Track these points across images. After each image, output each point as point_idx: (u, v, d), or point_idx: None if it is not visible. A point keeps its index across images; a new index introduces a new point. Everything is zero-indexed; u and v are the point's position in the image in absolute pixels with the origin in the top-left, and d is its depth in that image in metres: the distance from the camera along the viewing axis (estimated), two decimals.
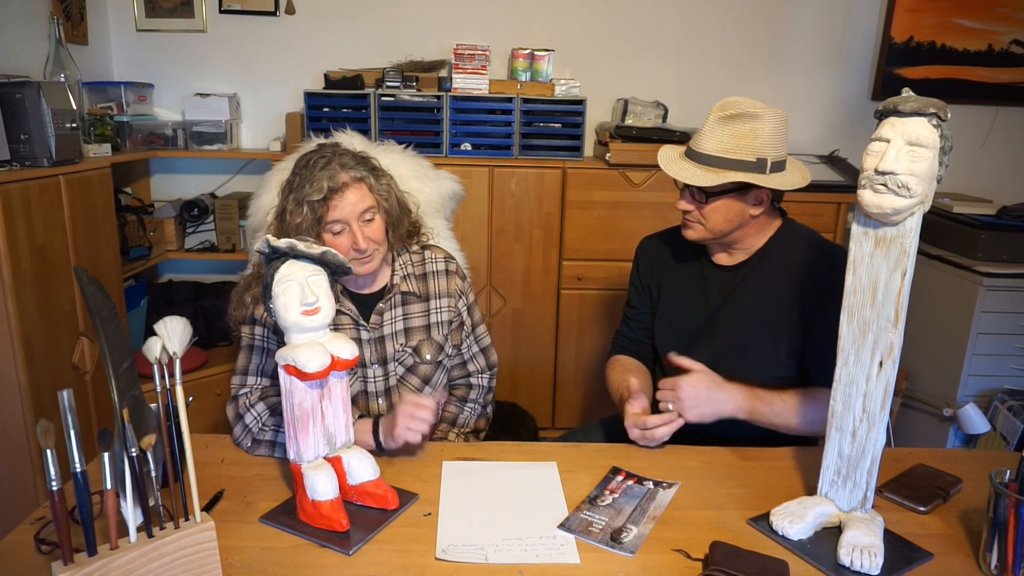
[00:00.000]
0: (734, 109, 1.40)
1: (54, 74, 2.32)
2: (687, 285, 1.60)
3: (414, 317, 1.52)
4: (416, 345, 1.51)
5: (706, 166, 1.42)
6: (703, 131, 1.44)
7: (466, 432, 1.59)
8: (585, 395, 2.86)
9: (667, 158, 1.50)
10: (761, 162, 1.39)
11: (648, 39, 2.96)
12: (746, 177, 1.38)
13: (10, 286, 1.79)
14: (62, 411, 0.81)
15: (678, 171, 1.45)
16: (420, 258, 1.56)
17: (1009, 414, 2.33)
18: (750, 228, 1.49)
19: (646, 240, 1.73)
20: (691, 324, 1.57)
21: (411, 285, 1.52)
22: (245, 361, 1.42)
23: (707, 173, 1.41)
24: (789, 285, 1.46)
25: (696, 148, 1.44)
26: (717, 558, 1.01)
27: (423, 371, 1.51)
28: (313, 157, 1.38)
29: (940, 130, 0.99)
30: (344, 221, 1.36)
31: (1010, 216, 2.50)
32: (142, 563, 0.88)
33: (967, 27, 2.95)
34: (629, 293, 1.73)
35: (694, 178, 1.41)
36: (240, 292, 1.45)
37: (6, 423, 1.84)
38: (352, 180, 1.36)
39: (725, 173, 1.39)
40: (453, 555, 1.04)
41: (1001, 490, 1.00)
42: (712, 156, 1.41)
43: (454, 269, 1.58)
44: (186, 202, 2.83)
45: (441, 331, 1.53)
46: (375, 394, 1.49)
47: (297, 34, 2.91)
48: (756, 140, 1.39)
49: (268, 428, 1.34)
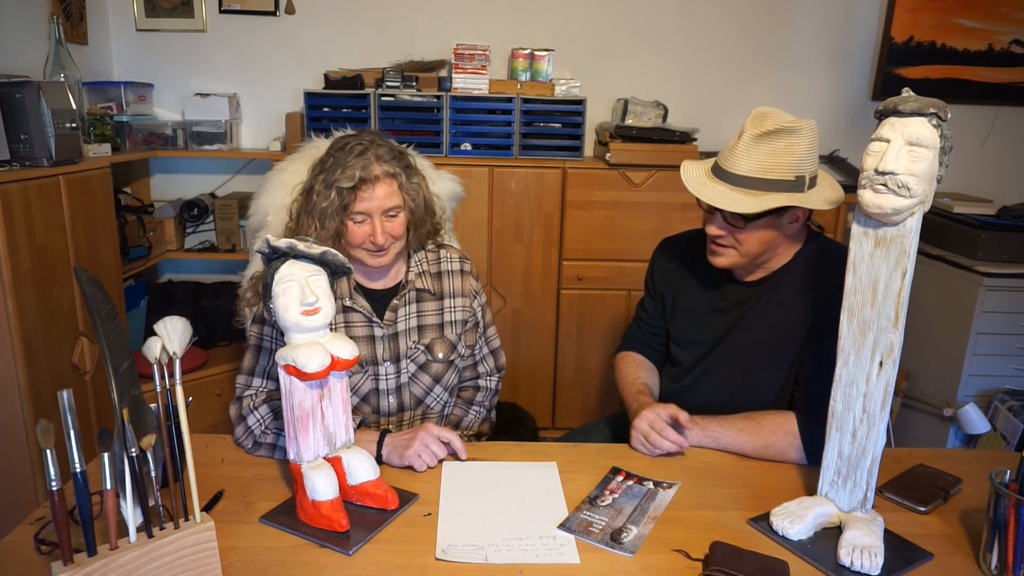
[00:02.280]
0: (771, 124, 1.29)
1: (54, 74, 2.32)
2: (704, 298, 1.53)
3: (428, 315, 1.51)
4: (429, 343, 1.50)
5: (743, 188, 1.31)
6: (737, 150, 1.32)
7: (469, 435, 1.59)
8: (585, 395, 2.86)
9: (694, 179, 1.37)
10: (800, 180, 1.30)
11: (648, 39, 2.96)
12: (789, 199, 1.28)
13: (10, 286, 1.78)
14: (62, 411, 0.81)
15: (712, 195, 1.32)
16: (436, 256, 1.55)
17: (1009, 414, 2.33)
18: (781, 248, 1.41)
19: (665, 243, 1.66)
20: (706, 338, 1.51)
21: (426, 283, 1.51)
22: (251, 362, 1.42)
23: (746, 197, 1.30)
24: (806, 303, 1.39)
25: (729, 168, 1.33)
26: (717, 558, 1.01)
27: (435, 369, 1.51)
28: (351, 142, 1.38)
29: (940, 130, 0.99)
30: (367, 213, 1.37)
31: (1010, 216, 2.50)
32: (142, 563, 0.88)
33: (967, 27, 2.95)
34: (644, 293, 1.68)
35: (734, 203, 1.30)
36: (256, 283, 1.46)
37: (6, 423, 1.84)
38: (384, 174, 1.37)
39: (766, 196, 1.29)
40: (453, 555, 1.04)
41: (1001, 490, 1.00)
42: (749, 177, 1.30)
43: (468, 269, 1.58)
44: (186, 202, 2.83)
45: (454, 330, 1.53)
46: (386, 391, 1.48)
47: (297, 34, 2.91)
48: (793, 156, 1.29)
49: (270, 431, 1.34)
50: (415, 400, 1.50)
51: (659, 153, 2.61)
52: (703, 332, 1.52)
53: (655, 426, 1.36)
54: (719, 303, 1.51)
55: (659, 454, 1.36)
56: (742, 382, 1.46)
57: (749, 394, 1.44)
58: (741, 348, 1.46)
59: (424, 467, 1.28)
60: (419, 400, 1.51)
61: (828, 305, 1.33)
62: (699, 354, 1.53)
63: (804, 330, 1.39)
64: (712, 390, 1.50)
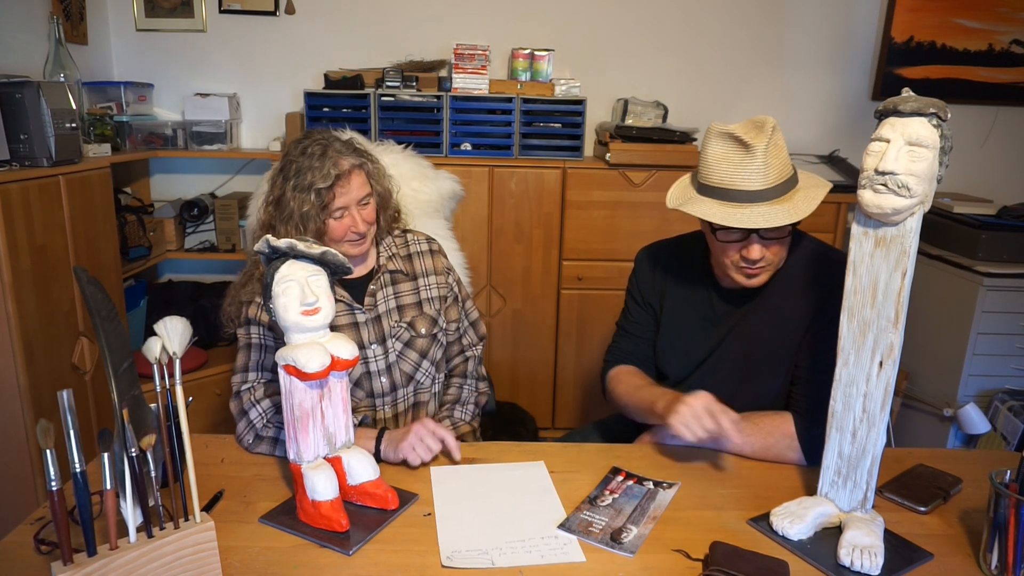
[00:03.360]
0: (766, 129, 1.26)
1: (54, 74, 2.32)
2: (693, 307, 1.49)
3: (405, 295, 1.55)
4: (411, 321, 1.53)
5: (772, 200, 1.26)
6: (753, 165, 1.25)
7: (470, 408, 1.60)
8: (585, 395, 2.86)
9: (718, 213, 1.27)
10: (794, 170, 1.30)
11: (648, 39, 2.96)
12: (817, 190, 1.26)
13: (10, 286, 1.78)
14: (62, 411, 0.81)
15: (759, 219, 1.24)
16: (403, 240, 1.60)
17: (1009, 414, 2.33)
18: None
19: (644, 252, 1.60)
20: (697, 348, 1.48)
21: (398, 264, 1.56)
22: (244, 359, 1.44)
23: (785, 205, 1.25)
24: (798, 307, 1.37)
25: (747, 187, 1.26)
26: (717, 558, 1.01)
27: (420, 345, 1.53)
28: (308, 145, 1.41)
29: (940, 130, 0.99)
30: (346, 207, 1.41)
31: (1010, 216, 2.50)
32: (142, 563, 0.88)
33: (967, 27, 2.95)
34: (627, 305, 1.61)
35: (787, 216, 1.24)
36: (236, 289, 1.49)
37: (6, 423, 1.84)
38: (351, 167, 1.42)
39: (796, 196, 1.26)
40: (459, 561, 1.04)
41: (1001, 490, 1.00)
42: (774, 187, 1.26)
43: (437, 248, 1.63)
44: (186, 202, 2.83)
45: (433, 306, 1.57)
46: (377, 373, 1.50)
47: (297, 34, 2.91)
48: (784, 150, 1.29)
49: (272, 425, 1.36)
50: (405, 377, 1.52)
51: (659, 153, 2.61)
52: (693, 344, 1.48)
53: (711, 408, 1.25)
54: (708, 313, 1.47)
55: (702, 436, 1.25)
56: (738, 390, 1.42)
57: (745, 401, 1.41)
58: (735, 357, 1.44)
59: (418, 461, 1.29)
60: (410, 377, 1.53)
61: (823, 307, 1.33)
62: (691, 366, 1.49)
63: (799, 333, 1.38)
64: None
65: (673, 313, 1.52)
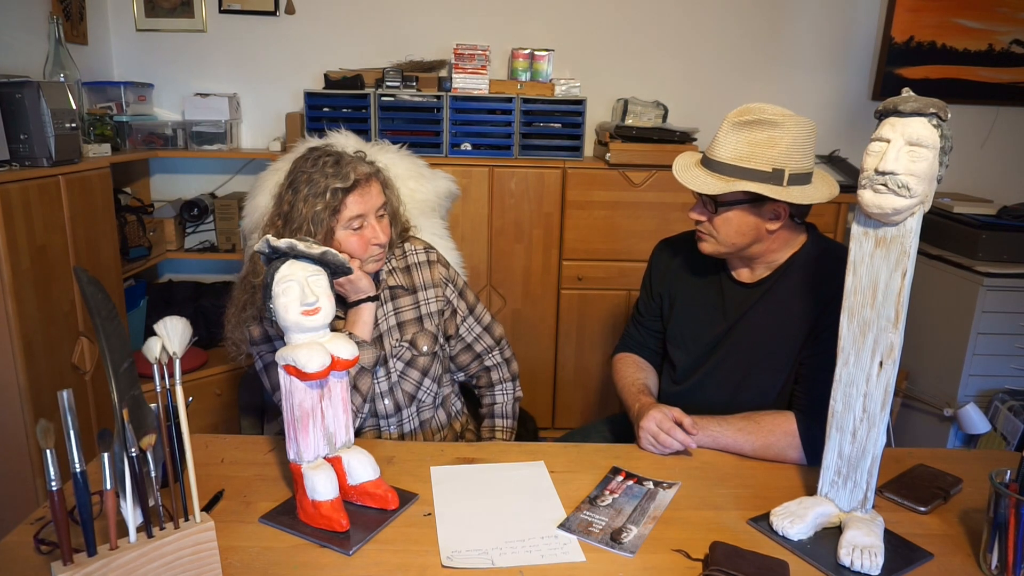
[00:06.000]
0: (751, 115, 1.31)
1: (54, 74, 2.32)
2: (703, 298, 1.53)
3: (405, 310, 1.53)
4: (411, 338, 1.51)
5: (717, 173, 1.34)
6: (717, 137, 1.35)
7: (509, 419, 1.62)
8: (585, 395, 2.86)
9: (681, 165, 1.41)
10: (777, 173, 1.30)
11: (648, 39, 2.96)
12: (757, 188, 1.29)
13: (10, 286, 1.78)
14: (62, 411, 0.81)
15: (689, 178, 1.37)
16: (401, 251, 1.57)
17: (1009, 414, 2.33)
18: (770, 243, 1.40)
19: (663, 244, 1.66)
20: (705, 339, 1.51)
21: (398, 279, 1.53)
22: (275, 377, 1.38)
23: (716, 181, 1.33)
24: (805, 304, 1.38)
25: (711, 155, 1.36)
26: (717, 558, 1.01)
27: (421, 363, 1.52)
28: (320, 157, 1.38)
29: (940, 130, 0.99)
30: (364, 215, 1.38)
31: (1010, 216, 2.50)
32: (142, 563, 0.88)
33: (967, 27, 2.95)
34: (640, 294, 1.68)
35: (702, 185, 1.33)
36: (235, 313, 1.46)
37: (6, 423, 1.84)
38: (369, 175, 1.40)
39: (735, 182, 1.31)
40: (459, 561, 1.04)
41: (1001, 490, 1.00)
42: (724, 164, 1.33)
43: (435, 258, 1.59)
44: (186, 202, 2.83)
45: (433, 321, 1.55)
46: (380, 394, 1.49)
47: (297, 34, 2.91)
48: (773, 149, 1.30)
49: None
50: (408, 397, 1.52)
51: (659, 153, 2.61)
52: (703, 333, 1.52)
53: (663, 426, 1.36)
54: (718, 303, 1.50)
55: (668, 453, 1.36)
56: (742, 382, 1.45)
57: (749, 395, 1.44)
58: (741, 348, 1.46)
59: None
60: (412, 396, 1.52)
61: (828, 305, 1.33)
62: (699, 355, 1.52)
63: (804, 330, 1.38)
64: (713, 391, 1.50)
65: (685, 303, 1.56)
